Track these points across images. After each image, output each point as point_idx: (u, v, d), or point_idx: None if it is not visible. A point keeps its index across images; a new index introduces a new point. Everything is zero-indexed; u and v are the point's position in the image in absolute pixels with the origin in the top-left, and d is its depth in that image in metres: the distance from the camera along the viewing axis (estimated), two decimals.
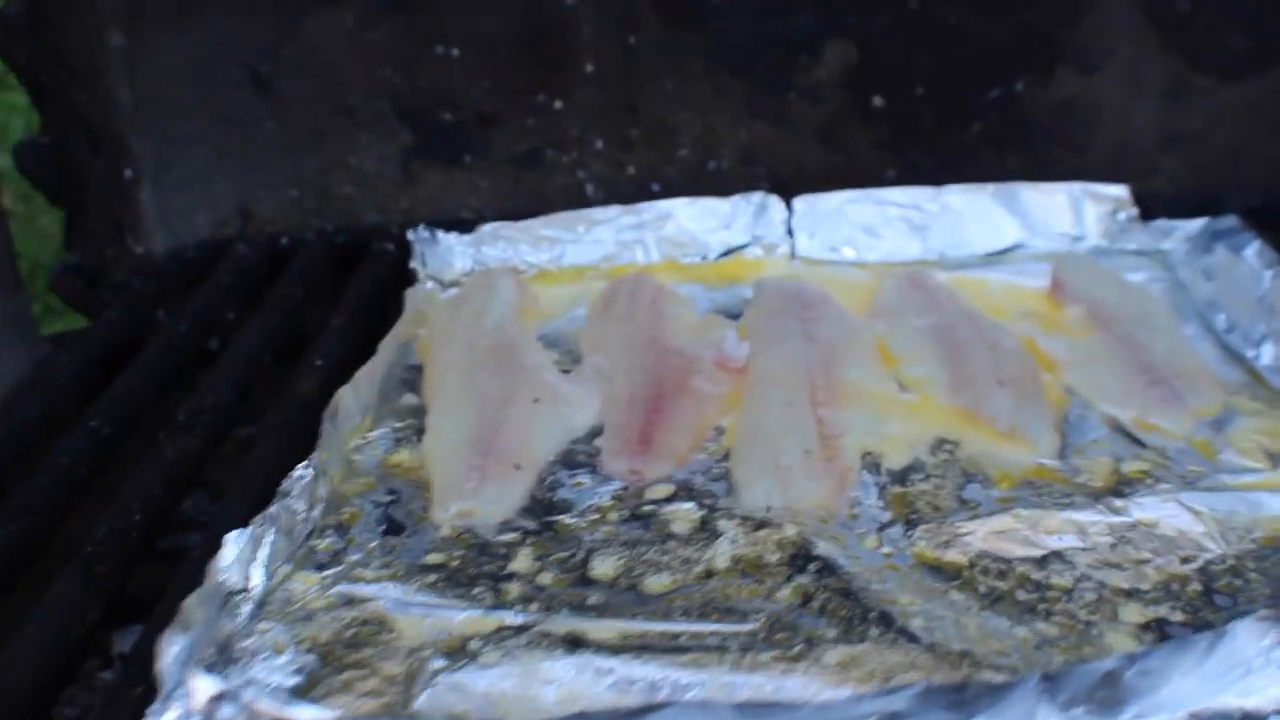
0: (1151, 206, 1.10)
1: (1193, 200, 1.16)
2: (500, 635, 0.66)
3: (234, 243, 1.20)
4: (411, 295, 1.00)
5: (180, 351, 1.04)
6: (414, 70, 1.17)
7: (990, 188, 1.09)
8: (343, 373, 0.88)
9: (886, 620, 0.66)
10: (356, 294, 1.09)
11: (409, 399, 0.90)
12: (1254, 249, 0.95)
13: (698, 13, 1.15)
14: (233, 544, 0.68)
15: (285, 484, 0.75)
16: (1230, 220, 1.01)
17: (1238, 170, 1.20)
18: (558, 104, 1.17)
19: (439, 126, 1.19)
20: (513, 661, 0.64)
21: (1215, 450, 0.80)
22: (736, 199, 1.09)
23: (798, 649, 0.64)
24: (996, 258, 1.08)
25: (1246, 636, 0.56)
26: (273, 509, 0.72)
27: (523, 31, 1.15)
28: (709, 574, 0.71)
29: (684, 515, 0.76)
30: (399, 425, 0.87)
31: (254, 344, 1.02)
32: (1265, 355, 0.89)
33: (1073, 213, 1.09)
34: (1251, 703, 0.56)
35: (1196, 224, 1.04)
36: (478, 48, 1.16)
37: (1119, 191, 1.08)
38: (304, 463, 0.77)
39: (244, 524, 0.70)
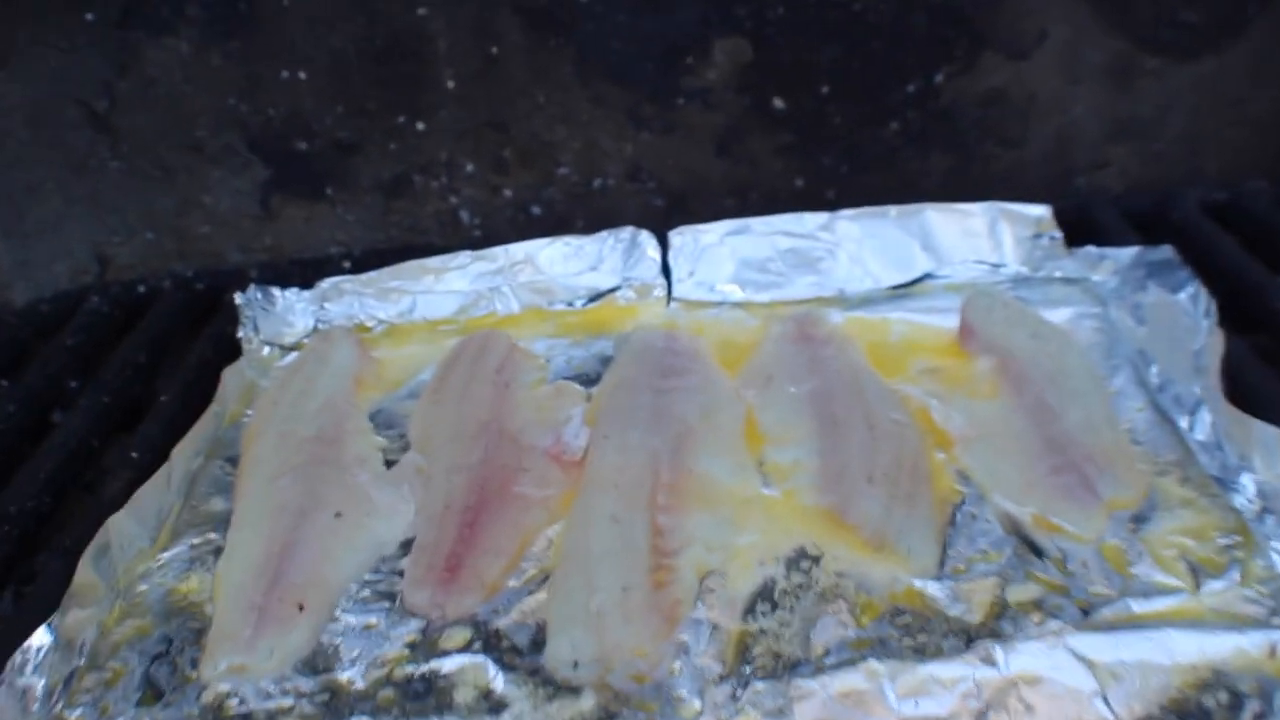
0: (1101, 203, 0.96)
1: (1146, 195, 1.02)
2: None
3: (90, 293, 1.10)
4: (231, 374, 0.89)
5: (8, 435, 0.93)
6: (261, 97, 1.04)
7: (894, 211, 0.95)
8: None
9: None
10: (197, 359, 0.98)
11: (218, 504, 0.80)
12: (1189, 292, 0.81)
13: (565, 15, 1.00)
14: None
15: (15, 660, 0.65)
16: (1165, 251, 0.86)
17: (1196, 160, 1.05)
18: (420, 125, 1.04)
19: (295, 157, 1.07)
20: None
21: (1128, 561, 0.67)
22: (603, 235, 0.96)
23: None
24: (902, 291, 0.95)
25: None
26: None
27: (372, 48, 1.02)
28: None
29: (472, 679, 0.65)
30: (197, 542, 0.77)
31: (80, 427, 0.92)
32: (1199, 428, 0.76)
33: (989, 237, 0.95)
34: None
35: (1128, 253, 0.90)
36: (326, 68, 1.03)
37: (1041, 212, 0.94)
38: (45, 625, 0.67)
39: None
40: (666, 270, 0.96)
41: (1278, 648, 0.62)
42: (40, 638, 0.66)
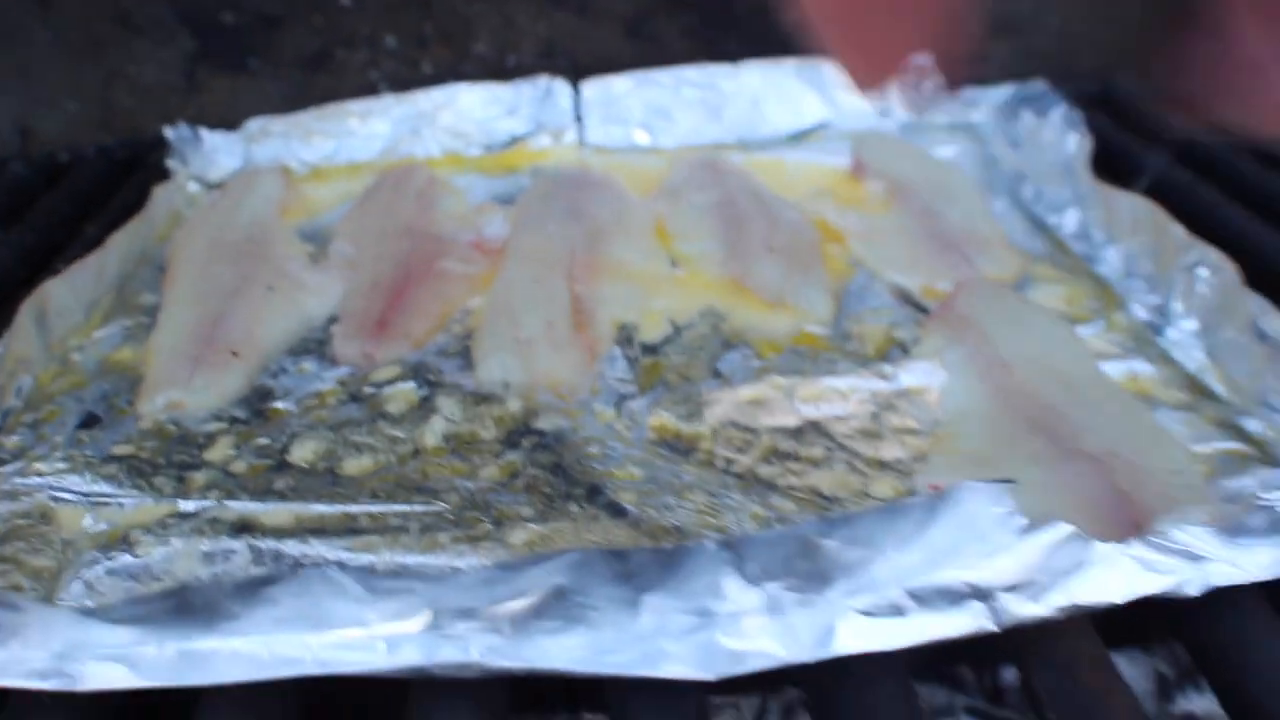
0: None
1: None
2: (165, 524, 0.60)
3: (8, 162, 1.11)
4: (161, 192, 0.92)
5: None
6: None
7: (792, 64, 1.02)
8: None
9: (595, 495, 0.59)
10: (122, 204, 1.01)
11: (148, 298, 0.83)
12: (1059, 113, 0.89)
13: None
14: None
15: None
16: (1038, 86, 0.94)
17: (1070, 57, 1.13)
18: (345, 1, 1.09)
19: (221, 29, 1.10)
20: (168, 549, 0.58)
21: None
22: (520, 83, 1.02)
23: (484, 529, 0.57)
24: (798, 139, 1.02)
25: (976, 502, 0.49)
26: None
27: None
28: (415, 454, 0.64)
29: (404, 395, 0.69)
30: (130, 324, 0.79)
31: (5, 259, 0.94)
32: (1068, 223, 0.83)
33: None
34: (980, 575, 0.49)
35: (1004, 91, 0.98)
36: None
37: (923, 61, 1.01)
38: None
39: None
40: (579, 118, 1.02)
41: (1136, 375, 0.69)
42: None
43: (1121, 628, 0.60)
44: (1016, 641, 0.53)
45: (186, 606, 0.48)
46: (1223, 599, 0.53)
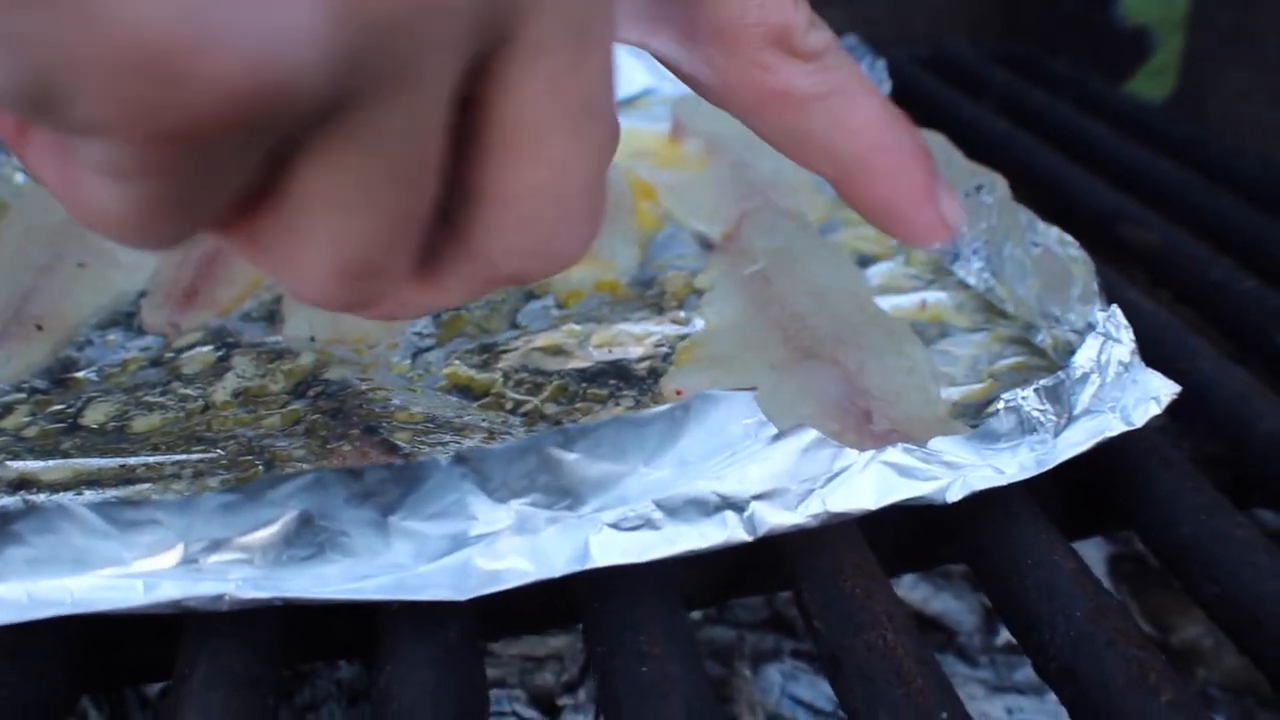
0: None
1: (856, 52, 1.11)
2: None
3: None
4: None
5: None
6: None
7: None
8: None
9: (370, 434, 0.60)
10: None
11: None
12: (864, 64, 0.90)
13: None
14: None
15: None
16: (849, 40, 0.96)
17: (902, 24, 1.16)
18: None
19: None
20: None
21: None
22: None
23: (256, 471, 0.57)
24: (623, 106, 1.03)
25: (723, 412, 0.50)
26: None
27: None
28: (205, 409, 0.64)
29: (201, 357, 0.69)
30: None
31: None
32: None
33: None
34: (730, 486, 0.50)
35: None
36: None
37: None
38: None
39: None
40: None
41: (926, 303, 0.71)
42: None
43: (908, 552, 0.62)
44: (787, 559, 0.54)
45: None
46: (993, 505, 0.54)
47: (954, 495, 0.52)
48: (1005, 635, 0.81)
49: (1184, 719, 0.45)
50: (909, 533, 0.59)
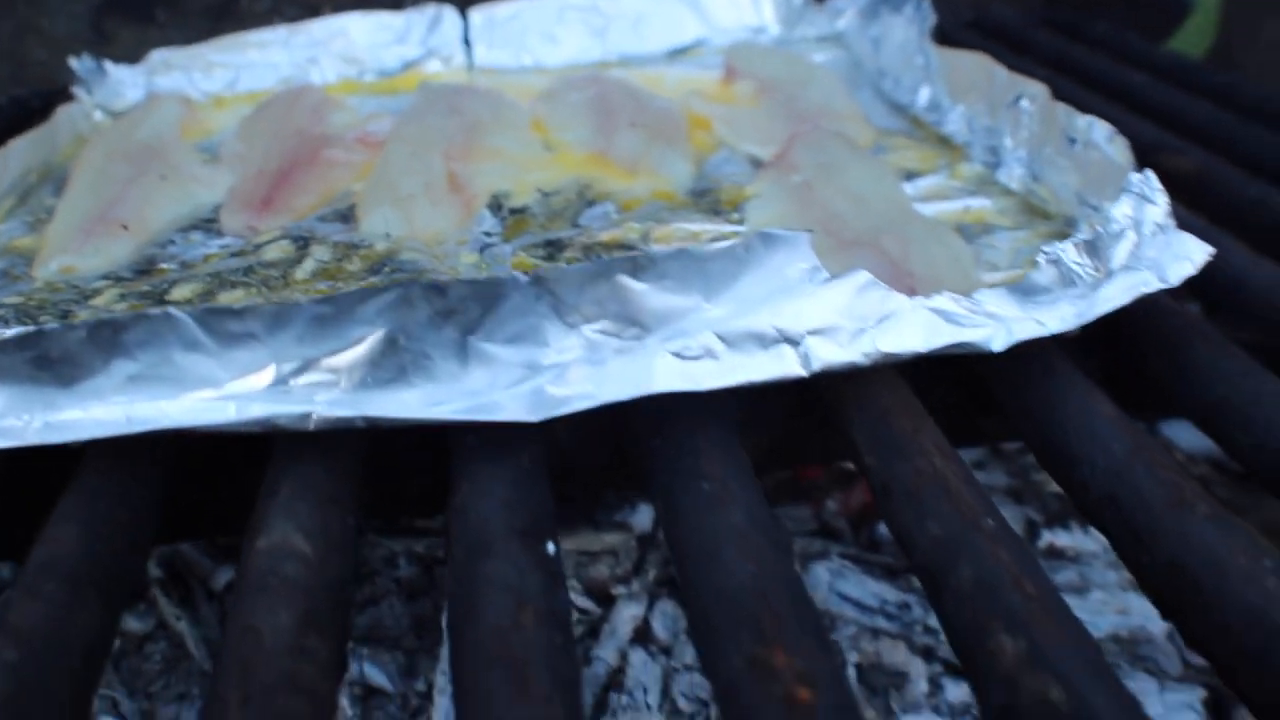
0: None
1: None
2: None
3: None
4: (65, 111, 0.96)
5: None
6: None
7: None
8: None
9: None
10: None
11: (52, 201, 0.86)
12: (910, 5, 0.94)
13: None
14: None
15: None
16: None
17: None
18: None
19: None
20: None
21: None
22: (410, 12, 1.07)
23: None
24: (678, 55, 1.07)
25: (782, 254, 0.53)
26: None
27: None
28: (286, 285, 0.68)
29: (281, 248, 0.73)
30: (30, 220, 0.83)
31: None
32: (921, 99, 0.88)
33: (751, 4, 1.08)
34: (788, 321, 0.53)
35: None
36: None
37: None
38: None
39: None
40: (468, 43, 1.07)
41: (969, 208, 0.74)
42: None
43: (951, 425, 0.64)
44: (838, 406, 0.56)
45: (44, 360, 0.51)
46: (1034, 364, 0.57)
47: (998, 345, 0.54)
48: (1048, 538, 0.84)
49: (1219, 530, 0.47)
50: (952, 406, 0.61)
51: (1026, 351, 0.56)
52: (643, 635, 0.74)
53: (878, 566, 0.79)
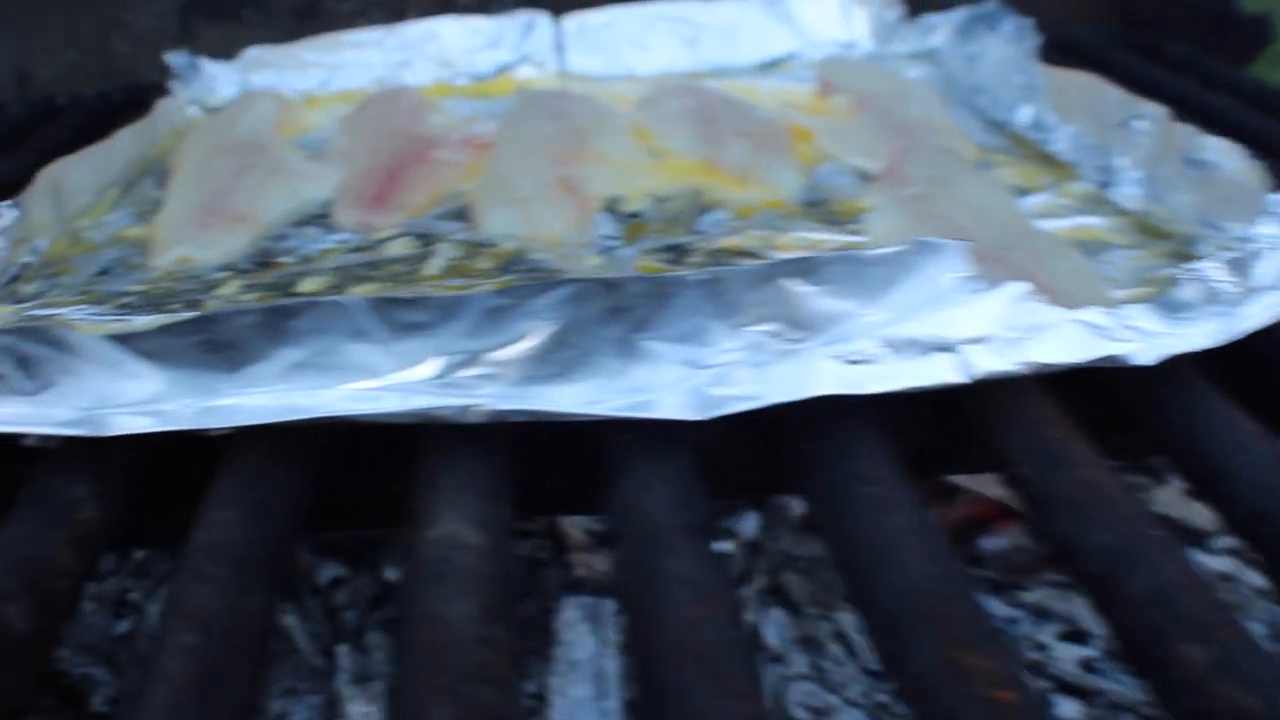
0: None
1: None
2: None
3: (6, 105, 1.16)
4: (163, 106, 0.97)
5: None
6: None
7: None
8: None
9: None
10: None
11: (155, 193, 0.86)
12: (1010, 24, 0.95)
13: None
14: None
15: None
16: (989, 5, 1.00)
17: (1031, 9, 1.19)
18: None
19: None
20: None
21: None
22: (504, 17, 1.07)
23: None
24: (769, 68, 1.08)
25: (939, 262, 0.53)
26: None
27: None
28: (414, 281, 0.68)
29: (404, 244, 0.74)
30: (136, 211, 0.83)
31: (7, 172, 0.97)
32: (1022, 117, 0.89)
33: (843, 19, 1.09)
34: (947, 330, 0.53)
35: (960, 14, 1.04)
36: None
37: None
38: (8, 202, 0.73)
39: None
40: (560, 49, 1.08)
41: (1083, 226, 0.74)
42: (7, 213, 0.73)
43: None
44: (976, 410, 0.57)
45: (212, 344, 0.51)
46: (1170, 377, 0.57)
47: (1145, 359, 0.55)
48: None
49: None
50: (1090, 421, 0.62)
51: (1164, 366, 0.56)
52: (755, 645, 0.75)
53: (982, 581, 0.79)
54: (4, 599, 0.47)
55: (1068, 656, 0.73)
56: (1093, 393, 0.61)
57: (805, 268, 0.52)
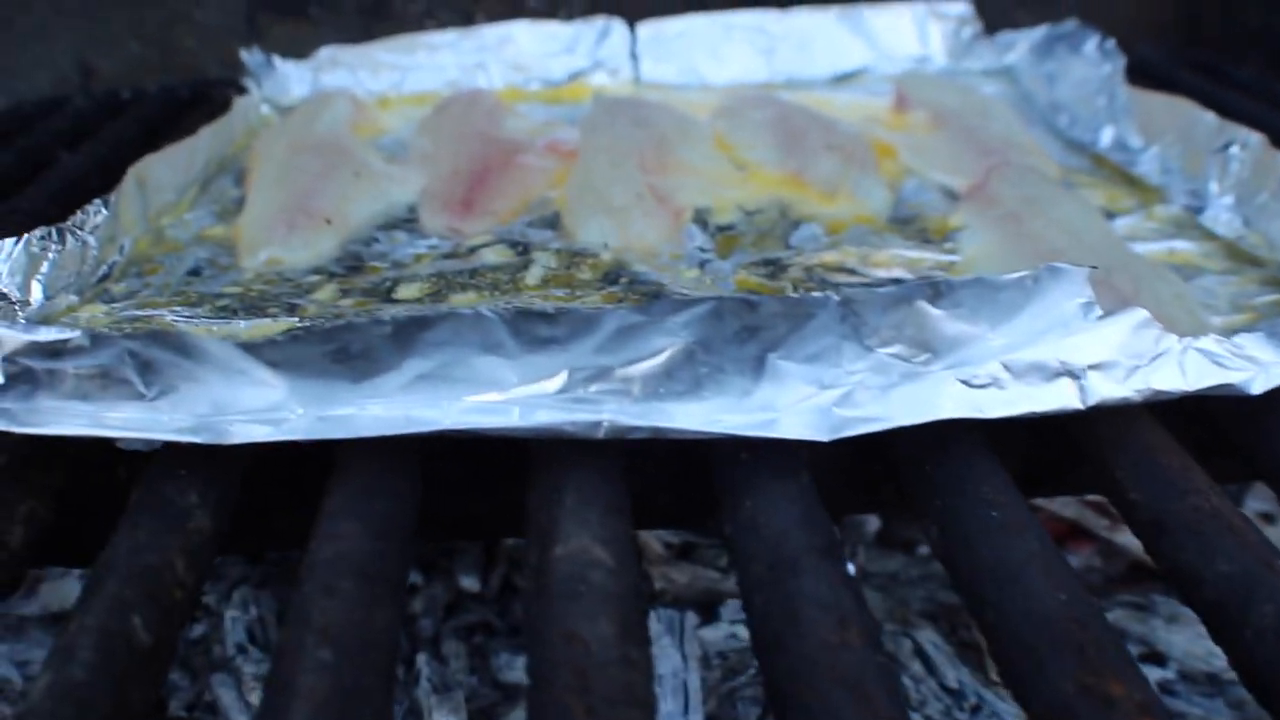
0: None
1: None
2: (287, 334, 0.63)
3: (70, 98, 1.16)
4: (241, 104, 0.97)
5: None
6: None
7: (834, 10, 1.09)
8: None
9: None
10: (188, 132, 1.05)
11: (234, 191, 0.87)
12: (1093, 43, 0.95)
13: None
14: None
15: (78, 216, 0.71)
16: (1070, 25, 1.00)
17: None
18: None
19: None
20: None
21: None
22: (579, 23, 1.07)
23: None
24: (843, 80, 1.08)
25: (1063, 287, 0.54)
26: (55, 228, 0.68)
27: None
28: (517, 291, 0.68)
29: (499, 252, 0.74)
30: (217, 209, 0.83)
31: (77, 167, 0.98)
32: (1105, 138, 0.89)
33: (918, 34, 1.09)
34: (1069, 355, 0.53)
35: (1039, 32, 1.04)
36: None
37: (962, 9, 1.08)
38: (98, 200, 0.73)
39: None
40: (635, 56, 1.08)
41: (1174, 250, 0.74)
42: (97, 210, 0.73)
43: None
44: (1086, 436, 0.57)
45: (344, 353, 0.51)
46: (1270, 405, 0.57)
47: (1258, 388, 0.55)
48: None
49: None
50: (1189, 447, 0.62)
51: (1269, 395, 0.56)
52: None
53: None
54: (129, 609, 0.46)
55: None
56: (1191, 418, 0.62)
57: (938, 291, 0.52)
